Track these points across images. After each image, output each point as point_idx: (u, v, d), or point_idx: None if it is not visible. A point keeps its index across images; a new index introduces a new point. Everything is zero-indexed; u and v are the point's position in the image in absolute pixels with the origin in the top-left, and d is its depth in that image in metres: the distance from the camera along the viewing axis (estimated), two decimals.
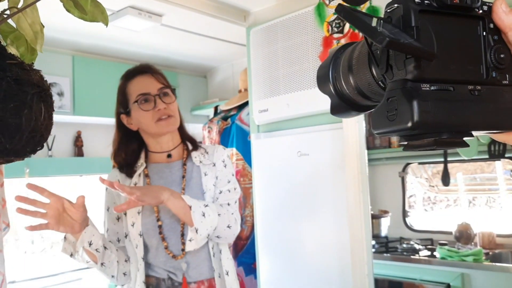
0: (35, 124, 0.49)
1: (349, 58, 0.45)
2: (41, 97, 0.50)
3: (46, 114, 0.51)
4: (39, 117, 0.50)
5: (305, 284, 1.83)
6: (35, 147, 0.51)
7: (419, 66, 0.36)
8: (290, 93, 1.87)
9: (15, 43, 0.63)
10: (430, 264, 2.32)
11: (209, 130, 2.52)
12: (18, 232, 2.93)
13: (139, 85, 1.35)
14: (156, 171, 1.37)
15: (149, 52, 2.72)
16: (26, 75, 0.50)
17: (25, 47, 0.63)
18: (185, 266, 1.28)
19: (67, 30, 2.26)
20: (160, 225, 1.30)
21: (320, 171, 1.81)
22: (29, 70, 0.51)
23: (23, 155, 0.51)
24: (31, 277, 2.70)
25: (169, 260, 1.28)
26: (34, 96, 0.49)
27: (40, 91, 0.50)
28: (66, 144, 2.73)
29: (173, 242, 1.29)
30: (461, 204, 3.01)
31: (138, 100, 1.32)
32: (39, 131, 0.50)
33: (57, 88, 2.45)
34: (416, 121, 0.35)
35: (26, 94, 0.48)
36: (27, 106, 0.48)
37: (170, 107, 1.34)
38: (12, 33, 0.62)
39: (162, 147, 1.38)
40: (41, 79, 0.52)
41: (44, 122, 0.51)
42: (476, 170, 3.06)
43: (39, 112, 0.50)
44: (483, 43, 0.40)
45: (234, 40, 2.56)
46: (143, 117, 1.32)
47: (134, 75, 1.37)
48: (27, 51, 0.63)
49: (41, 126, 0.50)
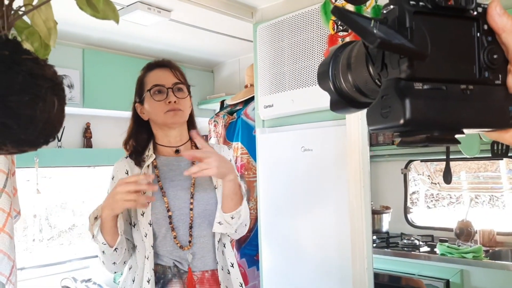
0: (48, 116, 0.51)
1: (348, 57, 0.46)
2: (54, 91, 0.52)
3: (58, 107, 0.53)
4: (52, 109, 0.52)
5: (306, 276, 1.88)
6: (48, 138, 0.53)
7: (412, 65, 0.37)
8: (295, 89, 1.91)
9: (30, 39, 0.67)
10: (430, 260, 2.35)
11: (215, 124, 2.56)
12: (26, 220, 3.00)
13: (156, 76, 1.40)
14: (166, 164, 1.40)
15: (157, 46, 2.76)
16: (41, 70, 0.52)
17: (39, 42, 0.66)
18: (191, 257, 1.32)
19: (78, 24, 2.31)
20: (170, 216, 1.33)
21: (323, 166, 1.84)
22: (43, 65, 0.53)
23: (36, 145, 0.53)
24: (39, 264, 2.77)
25: (175, 250, 1.32)
26: (48, 90, 0.51)
27: (54, 85, 0.52)
28: (75, 136, 2.78)
29: (181, 233, 1.33)
30: (464, 202, 3.03)
31: (151, 89, 1.37)
32: (52, 123, 0.52)
33: (67, 80, 2.50)
34: (408, 118, 0.37)
35: (40, 88, 0.50)
36: (41, 99, 0.50)
37: (181, 102, 1.38)
38: (26, 29, 0.65)
39: (170, 141, 1.42)
40: (55, 73, 0.54)
41: (56, 114, 0.53)
42: (479, 168, 3.07)
43: (52, 105, 0.52)
44: (477, 43, 0.41)
45: (241, 36, 2.59)
46: (153, 106, 1.36)
47: (154, 67, 1.43)
48: (41, 46, 0.67)
49: (54, 118, 0.52)
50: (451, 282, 2.23)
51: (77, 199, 3.27)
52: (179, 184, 1.38)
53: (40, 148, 1.96)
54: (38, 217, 3.02)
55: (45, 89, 0.49)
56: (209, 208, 1.37)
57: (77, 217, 3.33)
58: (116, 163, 1.42)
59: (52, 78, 0.51)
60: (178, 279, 1.30)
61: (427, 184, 3.17)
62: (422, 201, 3.27)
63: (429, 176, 3.11)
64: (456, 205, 3.18)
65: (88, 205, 3.27)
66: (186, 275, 1.30)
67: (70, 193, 3.21)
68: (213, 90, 3.33)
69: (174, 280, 1.30)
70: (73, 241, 3.26)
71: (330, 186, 1.81)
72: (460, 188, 3.11)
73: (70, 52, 2.55)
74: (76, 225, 3.31)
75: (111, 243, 1.26)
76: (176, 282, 1.30)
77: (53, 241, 3.18)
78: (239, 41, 2.68)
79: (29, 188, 2.50)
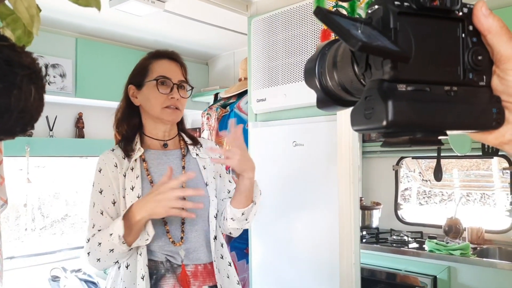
0: (25, 105, 0.50)
1: (334, 55, 0.45)
2: (31, 79, 0.51)
3: (36, 95, 0.52)
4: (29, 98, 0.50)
5: (295, 269, 1.89)
6: (25, 127, 0.52)
7: (395, 67, 0.37)
8: (288, 83, 1.91)
9: (13, 25, 0.66)
10: (418, 257, 2.36)
11: (208, 116, 2.55)
12: (19, 209, 2.99)
13: (165, 67, 1.36)
14: (154, 157, 1.37)
15: (151, 37, 2.74)
16: (17, 57, 0.50)
17: (23, 30, 0.66)
18: (183, 253, 1.30)
19: (71, 12, 2.29)
20: None
21: (314, 161, 1.85)
22: (20, 52, 0.51)
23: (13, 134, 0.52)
24: (29, 253, 2.77)
25: (167, 245, 1.29)
26: (24, 78, 0.50)
27: (31, 73, 0.51)
28: (67, 125, 2.77)
29: (173, 228, 1.31)
30: (455, 199, 3.06)
31: (158, 79, 1.33)
32: (29, 112, 0.51)
33: (60, 69, 2.48)
34: (391, 120, 0.36)
35: (15, 75, 0.49)
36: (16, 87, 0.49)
37: (182, 101, 1.36)
38: (10, 15, 0.65)
39: (157, 134, 1.38)
40: (33, 61, 0.53)
41: (34, 103, 0.51)
42: (471, 166, 3.09)
43: (29, 93, 0.50)
44: (462, 44, 0.41)
45: (236, 29, 2.58)
46: (154, 97, 1.32)
47: (163, 56, 1.38)
48: (24, 34, 0.66)
49: (31, 107, 0.51)
50: (438, 279, 2.25)
51: (70, 189, 3.26)
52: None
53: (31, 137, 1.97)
54: (30, 207, 3.01)
55: (21, 76, 0.49)
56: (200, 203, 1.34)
57: (70, 207, 3.32)
58: (103, 155, 1.36)
59: (29, 66, 0.50)
60: (171, 274, 1.28)
61: (418, 181, 3.19)
62: (414, 198, 3.29)
63: (420, 173, 3.13)
64: (447, 202, 3.21)
65: (81, 195, 3.27)
66: (179, 270, 1.28)
67: (63, 183, 3.20)
68: (207, 83, 3.32)
69: (168, 275, 1.28)
70: (65, 231, 3.26)
71: (321, 181, 1.82)
72: (451, 185, 3.13)
73: (63, 41, 2.53)
74: (69, 215, 3.31)
75: (130, 243, 1.21)
76: (169, 277, 1.28)
77: (46, 230, 3.17)
78: (234, 34, 2.67)
79: (21, 177, 2.49)
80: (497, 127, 0.42)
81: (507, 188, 2.66)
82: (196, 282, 1.30)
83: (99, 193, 1.32)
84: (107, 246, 1.21)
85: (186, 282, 1.27)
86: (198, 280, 1.30)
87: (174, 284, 1.27)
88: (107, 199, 1.30)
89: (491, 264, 2.22)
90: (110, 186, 1.31)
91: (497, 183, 2.91)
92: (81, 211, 3.29)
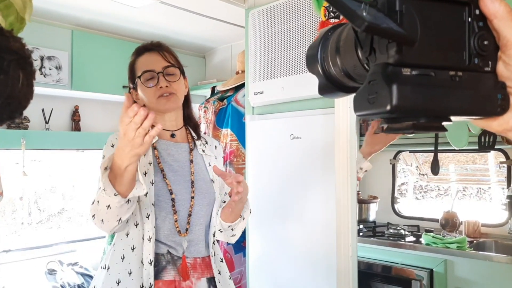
0: (12, 91, 0.48)
1: (337, 40, 0.45)
2: (19, 64, 0.49)
3: (25, 81, 0.50)
4: (17, 83, 0.49)
5: (292, 263, 1.89)
6: (13, 114, 0.50)
7: (400, 50, 0.37)
8: (285, 76, 1.90)
9: (5, 11, 0.65)
10: (414, 250, 2.37)
11: (205, 110, 2.54)
12: (15, 203, 2.98)
13: (145, 61, 1.37)
14: (165, 147, 1.40)
15: (148, 30, 2.72)
16: (5, 42, 0.49)
17: (15, 16, 0.65)
18: (186, 244, 1.32)
19: (67, 4, 2.26)
20: (173, 198, 1.32)
21: (312, 154, 1.84)
22: (8, 36, 0.50)
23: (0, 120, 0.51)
24: (26, 246, 2.76)
25: (172, 235, 1.31)
26: (12, 63, 0.48)
27: (19, 58, 0.49)
28: (64, 118, 2.75)
29: (181, 218, 1.33)
30: (452, 194, 3.06)
31: (141, 76, 1.35)
32: (17, 98, 0.49)
33: (56, 61, 2.46)
34: (395, 105, 0.36)
35: (2, 60, 0.47)
36: (2, 72, 0.47)
37: (173, 85, 1.35)
38: (2, 1, 0.64)
39: (165, 125, 1.40)
40: (22, 46, 0.51)
41: (22, 89, 0.50)
42: (468, 161, 3.10)
43: (17, 79, 0.49)
44: (468, 29, 0.40)
45: (233, 21, 2.56)
46: (146, 93, 1.35)
47: (143, 52, 1.40)
48: (16, 20, 0.65)
49: (18, 93, 0.49)
50: (434, 272, 2.26)
51: (66, 183, 3.25)
52: (178, 170, 1.37)
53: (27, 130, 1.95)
54: (27, 200, 3.00)
55: (9, 61, 0.47)
56: (208, 197, 1.38)
57: (66, 201, 3.31)
58: (116, 133, 1.34)
59: (17, 51, 0.48)
60: (172, 266, 1.30)
61: (416, 175, 3.19)
62: (410, 192, 3.30)
63: (417, 167, 3.13)
64: (444, 197, 3.22)
65: (77, 189, 3.26)
66: (180, 262, 1.31)
67: (59, 177, 3.19)
68: (204, 76, 3.31)
69: (169, 267, 1.30)
70: (62, 225, 3.25)
71: (318, 174, 1.81)
72: (448, 180, 3.14)
73: (59, 33, 2.50)
74: (66, 209, 3.30)
75: (125, 194, 1.14)
76: (170, 269, 1.30)
77: (42, 224, 3.16)
78: (232, 27, 2.65)
79: (17, 171, 2.48)
80: (501, 113, 0.41)
81: (503, 182, 2.67)
82: (195, 274, 1.33)
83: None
84: (104, 203, 1.16)
85: (186, 273, 1.30)
86: (197, 272, 1.34)
87: (174, 275, 1.30)
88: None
89: (487, 257, 2.23)
90: None
91: (494, 177, 2.92)
92: (78, 205, 3.28)
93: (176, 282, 1.29)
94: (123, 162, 1.09)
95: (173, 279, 1.29)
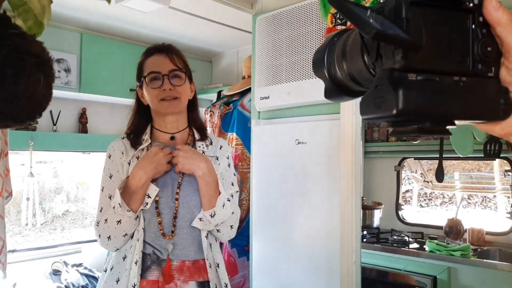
0: (33, 92, 0.51)
1: (343, 45, 0.46)
2: (40, 67, 0.52)
3: (44, 83, 0.52)
4: (37, 85, 0.51)
5: (296, 267, 1.89)
6: (33, 115, 0.53)
7: (406, 56, 0.38)
8: (291, 82, 1.91)
9: (24, 16, 0.67)
10: (418, 257, 2.37)
11: (211, 114, 2.56)
12: (20, 204, 3.00)
13: (154, 62, 1.39)
14: None
15: (156, 34, 2.74)
16: (27, 45, 0.51)
17: (33, 20, 0.67)
18: (171, 247, 1.31)
19: (76, 7, 2.29)
20: (156, 200, 1.32)
21: (316, 160, 1.85)
22: (30, 40, 0.52)
23: (20, 121, 0.52)
24: (31, 247, 2.78)
25: (157, 238, 1.31)
26: (33, 66, 0.51)
27: (40, 61, 0.52)
28: (71, 120, 2.78)
29: (165, 221, 1.32)
30: (456, 201, 3.05)
31: (147, 76, 1.36)
32: (37, 99, 0.52)
33: (64, 64, 2.49)
34: (401, 109, 0.37)
35: (25, 63, 0.49)
36: (25, 74, 0.49)
37: (178, 89, 1.36)
38: (21, 6, 0.66)
39: (166, 127, 1.41)
40: (43, 50, 0.53)
41: (42, 91, 0.52)
42: (473, 169, 3.09)
43: (38, 81, 0.51)
44: (471, 36, 0.41)
45: (240, 26, 2.58)
46: (149, 93, 1.37)
47: (153, 52, 1.41)
48: (34, 24, 0.67)
49: (39, 94, 0.52)
50: (438, 279, 2.26)
51: (71, 185, 3.27)
52: (168, 172, 1.36)
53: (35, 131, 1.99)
54: (31, 202, 3.02)
55: (30, 64, 0.49)
56: (194, 199, 1.34)
57: (71, 203, 3.33)
58: (113, 142, 1.42)
59: (39, 54, 0.51)
60: (157, 266, 1.31)
61: (420, 182, 3.19)
62: (415, 200, 3.29)
63: (422, 174, 3.13)
64: (448, 204, 3.21)
65: (83, 191, 3.28)
66: (164, 263, 1.30)
67: (64, 179, 3.21)
68: (211, 80, 3.33)
69: (153, 267, 1.31)
70: (66, 226, 3.27)
71: (323, 180, 1.82)
72: (453, 187, 3.13)
73: (68, 36, 2.54)
74: (70, 210, 3.32)
75: (135, 210, 1.28)
76: (154, 269, 1.30)
77: (46, 226, 3.18)
78: (239, 32, 2.67)
79: (23, 172, 2.50)
80: (504, 117, 0.42)
81: (508, 191, 2.66)
82: (181, 277, 1.31)
83: (109, 178, 1.37)
84: (114, 219, 1.27)
85: (169, 275, 1.29)
86: (183, 275, 1.31)
87: (158, 276, 1.30)
88: (116, 183, 1.34)
89: (491, 265, 2.22)
90: (118, 172, 1.36)
91: (499, 185, 2.91)
92: (82, 207, 3.30)
93: (160, 283, 1.29)
94: (142, 178, 1.27)
95: (157, 279, 1.29)
